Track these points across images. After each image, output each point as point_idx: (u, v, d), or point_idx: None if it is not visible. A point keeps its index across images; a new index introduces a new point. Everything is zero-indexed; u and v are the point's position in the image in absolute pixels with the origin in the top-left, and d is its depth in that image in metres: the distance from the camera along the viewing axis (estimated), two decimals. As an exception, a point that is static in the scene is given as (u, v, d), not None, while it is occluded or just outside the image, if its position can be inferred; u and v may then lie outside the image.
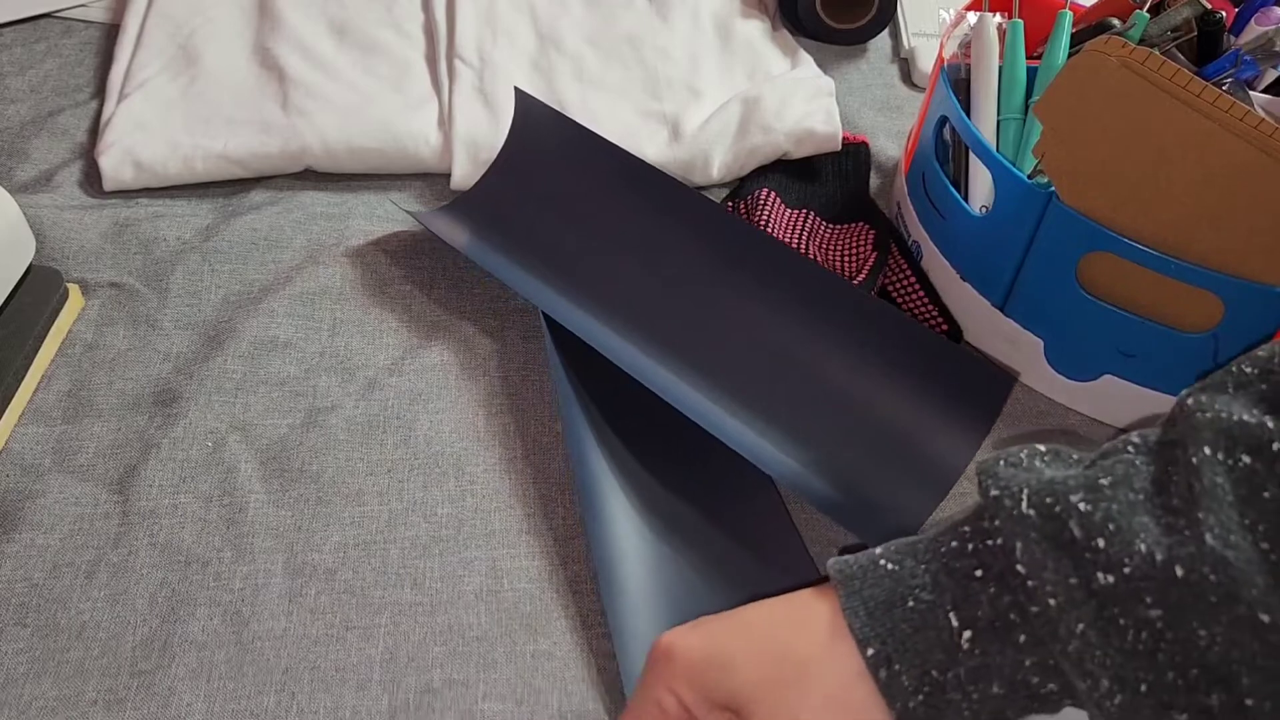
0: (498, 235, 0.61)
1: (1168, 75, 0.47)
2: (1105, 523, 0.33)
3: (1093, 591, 0.33)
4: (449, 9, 0.76)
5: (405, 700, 0.44)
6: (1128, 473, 0.35)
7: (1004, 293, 0.58)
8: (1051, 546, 0.34)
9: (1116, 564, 0.33)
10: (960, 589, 0.36)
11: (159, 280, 0.59)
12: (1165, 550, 0.32)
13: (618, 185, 0.61)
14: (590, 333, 0.55)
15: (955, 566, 0.36)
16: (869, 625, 0.36)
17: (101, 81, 0.71)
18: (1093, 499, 0.34)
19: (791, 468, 0.51)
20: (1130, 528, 0.33)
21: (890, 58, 0.83)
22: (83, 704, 0.43)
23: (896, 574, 0.37)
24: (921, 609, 0.36)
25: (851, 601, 0.37)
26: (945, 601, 0.36)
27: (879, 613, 0.36)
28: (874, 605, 0.36)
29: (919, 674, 0.35)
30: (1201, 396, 0.35)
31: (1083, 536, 0.33)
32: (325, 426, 0.53)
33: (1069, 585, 0.33)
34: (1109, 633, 0.33)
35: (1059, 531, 0.34)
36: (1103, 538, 0.33)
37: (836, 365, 0.55)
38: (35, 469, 0.50)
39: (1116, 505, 0.34)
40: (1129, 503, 0.34)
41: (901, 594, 0.36)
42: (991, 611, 0.35)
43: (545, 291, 0.58)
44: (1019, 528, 0.35)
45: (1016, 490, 0.35)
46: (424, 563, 0.49)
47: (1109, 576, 0.33)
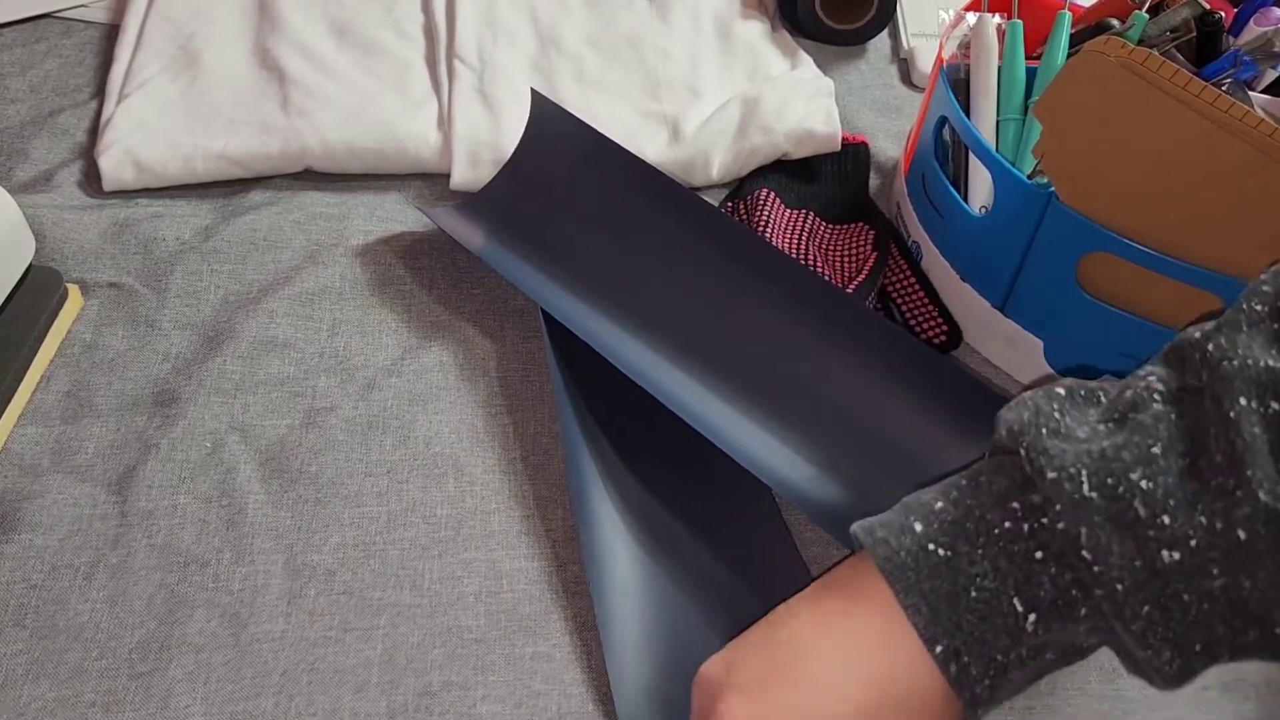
0: (507, 235, 0.61)
1: (1167, 75, 0.47)
2: (1166, 499, 0.34)
3: (1157, 571, 0.33)
4: (449, 9, 0.76)
5: (404, 702, 0.44)
6: (1170, 435, 0.35)
7: (1004, 293, 0.58)
8: (1116, 529, 0.34)
9: (1182, 539, 0.33)
10: (1021, 573, 0.35)
11: (158, 280, 0.59)
12: (1223, 516, 0.33)
13: (629, 191, 0.61)
14: (593, 335, 0.55)
15: (1014, 550, 0.36)
16: (934, 622, 0.36)
17: (101, 82, 0.71)
18: (1151, 473, 0.34)
19: (790, 479, 0.50)
20: (1186, 498, 0.33)
21: (890, 58, 0.83)
22: (81, 706, 0.43)
23: (953, 561, 0.36)
24: (985, 597, 0.36)
25: (911, 597, 0.36)
26: (1008, 588, 0.35)
27: (943, 607, 0.36)
28: (936, 599, 0.36)
29: (986, 661, 0.36)
30: (1220, 339, 0.35)
31: (1147, 515, 0.34)
32: (324, 427, 0.53)
33: (1135, 568, 0.34)
34: (1172, 609, 0.34)
35: (1124, 512, 0.34)
36: (1167, 514, 0.33)
37: (841, 380, 0.54)
38: (34, 469, 0.50)
39: (1172, 478, 0.34)
40: (1180, 470, 0.34)
41: (963, 584, 0.36)
42: (1054, 591, 0.35)
43: (551, 292, 0.57)
44: (1083, 512, 0.34)
45: (1075, 471, 0.35)
46: (423, 564, 0.49)
47: (1174, 553, 0.33)
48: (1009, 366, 0.60)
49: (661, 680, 0.45)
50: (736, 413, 0.53)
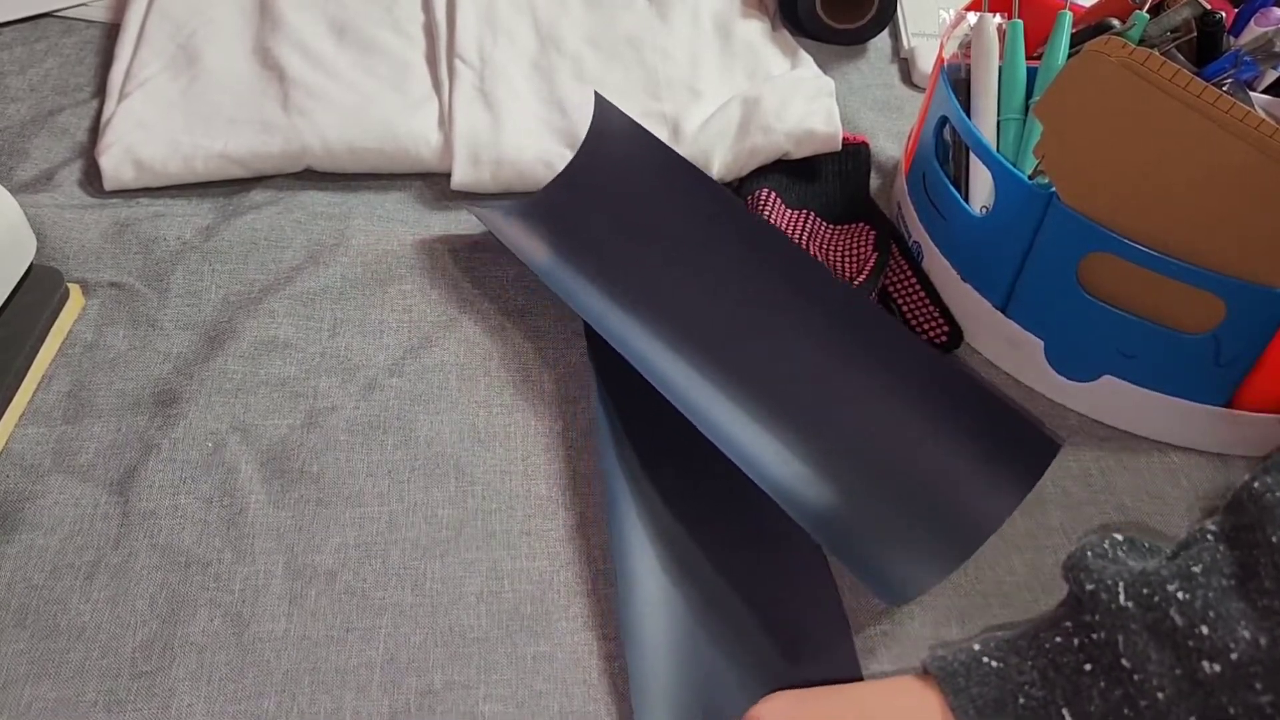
0: (555, 240, 0.60)
1: (1168, 76, 0.47)
2: (1205, 610, 0.34)
3: (1198, 682, 0.33)
4: (449, 9, 0.76)
5: (406, 702, 0.44)
6: (1215, 559, 0.35)
7: (1004, 293, 0.58)
8: (1153, 637, 0.34)
9: (1222, 651, 0.33)
10: (1070, 684, 0.36)
11: (159, 280, 0.59)
12: (1268, 633, 0.33)
13: (686, 203, 0.60)
14: (633, 350, 0.54)
15: (1063, 661, 0.36)
16: None
17: (102, 81, 0.71)
18: (1189, 587, 0.34)
19: (813, 505, 0.49)
20: (1229, 613, 0.34)
21: (890, 58, 0.83)
22: (83, 706, 0.43)
23: (1002, 671, 0.37)
24: (1034, 705, 0.36)
25: (960, 700, 0.37)
26: (1057, 697, 0.36)
27: (989, 711, 0.36)
28: (983, 704, 0.36)
29: None
30: (1267, 479, 0.36)
31: (1185, 625, 0.34)
32: (325, 427, 0.53)
33: (1175, 676, 0.34)
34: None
35: (1159, 621, 0.34)
36: (1205, 624, 0.34)
37: (880, 408, 0.53)
38: (35, 470, 0.50)
39: (1213, 592, 0.34)
40: (1223, 589, 0.34)
41: (1011, 691, 0.36)
42: (1104, 705, 0.35)
43: (592, 302, 0.57)
44: (1119, 620, 0.35)
45: (1112, 584, 0.36)
46: (424, 564, 0.49)
47: (1215, 665, 0.33)
48: (1010, 367, 0.60)
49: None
50: (771, 436, 0.52)
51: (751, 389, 0.54)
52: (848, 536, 0.48)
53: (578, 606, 0.48)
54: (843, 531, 0.49)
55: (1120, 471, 0.56)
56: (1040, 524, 0.53)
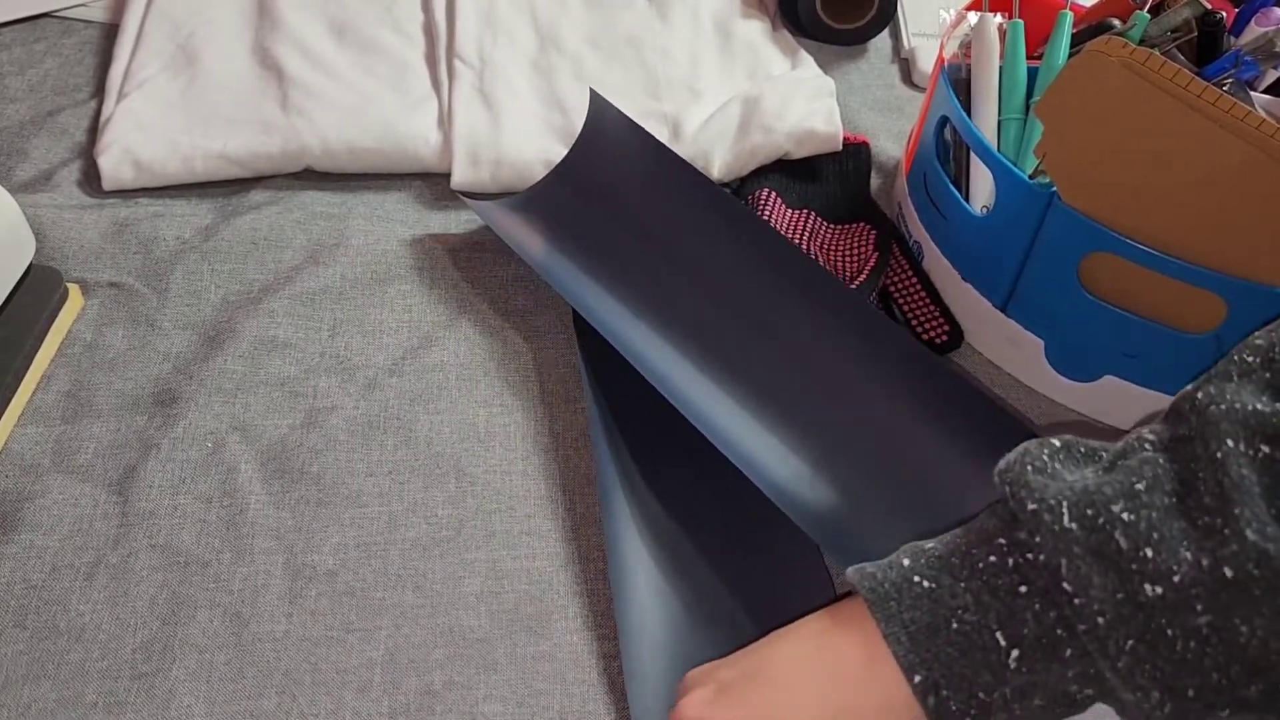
0: (550, 233, 0.60)
1: (1168, 76, 0.47)
2: (1149, 531, 0.33)
3: (1140, 605, 0.33)
4: (449, 9, 0.76)
5: (406, 702, 0.44)
6: (1156, 474, 0.34)
7: (1005, 293, 0.58)
8: (1097, 560, 0.34)
9: (1165, 574, 0.32)
10: (1005, 607, 0.35)
11: (159, 280, 0.59)
12: (1209, 553, 0.32)
13: (680, 199, 0.60)
14: (627, 345, 0.54)
15: (998, 584, 0.36)
16: (913, 651, 0.35)
17: (101, 81, 0.71)
18: (1133, 507, 0.34)
19: (808, 504, 0.49)
20: (1173, 534, 0.33)
21: (891, 58, 0.83)
22: (83, 706, 0.43)
23: (935, 593, 0.36)
24: (966, 630, 0.35)
25: (892, 626, 0.36)
26: (990, 621, 0.35)
27: (922, 637, 0.36)
28: (916, 629, 0.36)
29: (967, 696, 0.35)
30: (1210, 388, 0.35)
31: (1129, 548, 0.33)
32: (325, 427, 0.53)
33: (1116, 600, 0.33)
34: (1158, 645, 0.33)
35: (1104, 544, 0.34)
36: (1149, 546, 0.33)
37: (874, 407, 0.53)
38: (34, 469, 0.50)
39: (1155, 512, 0.33)
40: (1166, 507, 0.33)
41: (944, 615, 0.36)
42: (1038, 629, 0.35)
43: (588, 296, 0.57)
44: (1062, 543, 0.34)
45: (1055, 503, 0.35)
46: (425, 564, 0.48)
47: (1157, 588, 0.33)
48: (1010, 366, 0.60)
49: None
50: (764, 430, 0.52)
51: (745, 386, 0.54)
52: (842, 535, 0.48)
53: (578, 606, 0.48)
54: (837, 530, 0.49)
55: (1121, 471, 0.56)
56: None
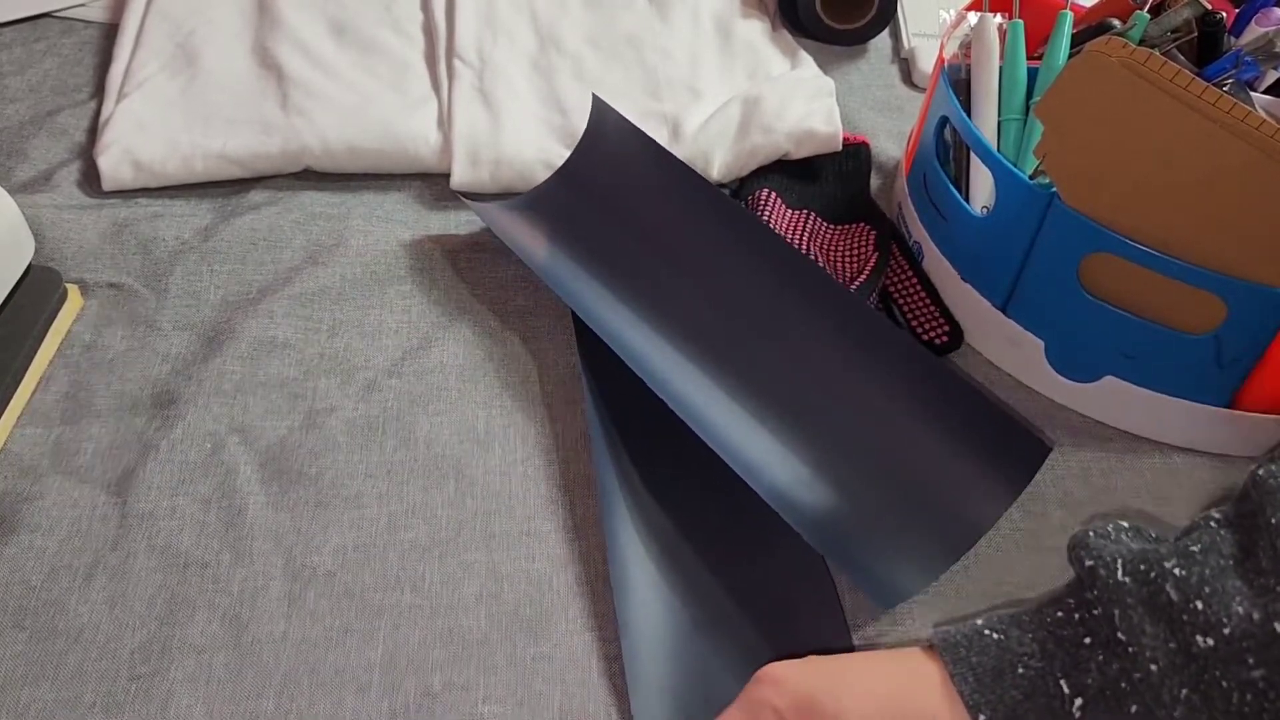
0: (550, 236, 0.60)
1: (1168, 76, 0.47)
2: (1201, 586, 0.34)
3: (1192, 655, 0.34)
4: (449, 9, 0.76)
5: (405, 704, 0.44)
6: (1214, 541, 0.36)
7: (1005, 293, 0.58)
8: (1148, 611, 0.35)
9: (1215, 626, 0.33)
10: (1069, 656, 0.36)
11: (158, 281, 0.59)
12: (1261, 609, 0.33)
13: (680, 204, 0.60)
14: (626, 347, 0.54)
15: (1063, 635, 0.37)
16: (979, 692, 0.36)
17: (100, 81, 0.71)
18: (1185, 564, 0.35)
19: (804, 506, 0.49)
20: (1225, 590, 0.34)
21: (891, 58, 0.83)
22: (81, 708, 0.43)
23: (1003, 643, 0.37)
24: (1031, 676, 0.36)
25: (960, 668, 0.37)
26: (1055, 669, 0.36)
27: (988, 680, 0.36)
28: (982, 672, 0.37)
29: None
30: (1272, 466, 0.37)
31: (1180, 600, 0.34)
32: (324, 429, 0.53)
33: (1169, 650, 0.34)
34: (1212, 696, 0.33)
35: (1155, 595, 0.35)
36: (1200, 600, 0.34)
37: (871, 409, 0.53)
38: (33, 470, 0.50)
39: (1209, 569, 0.34)
40: (1220, 567, 0.35)
41: (1010, 661, 0.37)
42: (1101, 679, 0.36)
43: (588, 299, 0.57)
44: (1116, 595, 0.35)
45: (1110, 560, 0.36)
46: (424, 566, 0.48)
47: (1208, 639, 0.33)
48: (1010, 367, 0.60)
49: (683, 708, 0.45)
50: (763, 434, 0.52)
51: (744, 389, 0.54)
52: (839, 538, 0.48)
53: (577, 608, 0.48)
54: (834, 532, 0.49)
55: (1121, 472, 0.56)
56: (1041, 524, 0.53)
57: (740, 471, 0.49)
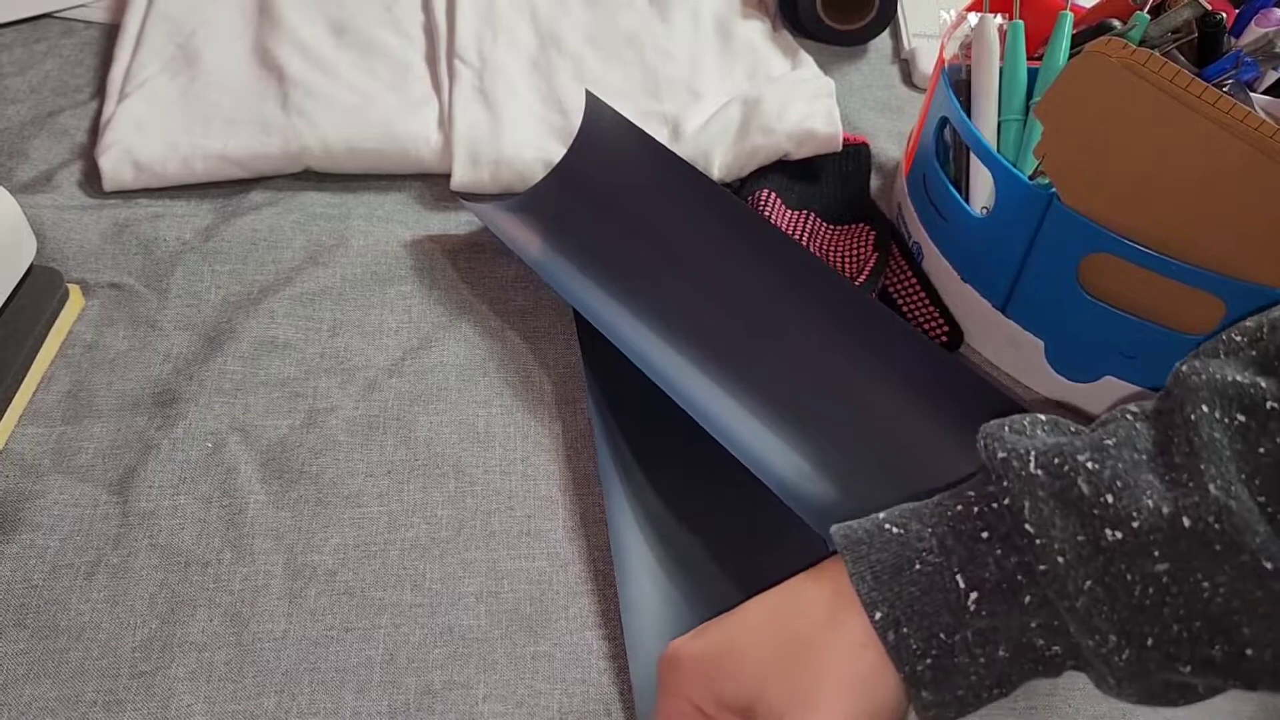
0: (549, 235, 0.60)
1: (1168, 77, 0.47)
2: (1113, 480, 0.34)
3: (1100, 548, 0.33)
4: (449, 9, 0.76)
5: (405, 702, 0.44)
6: (1130, 434, 0.35)
7: (1005, 294, 0.58)
8: (1059, 504, 0.34)
9: (1125, 519, 0.33)
10: (966, 550, 0.36)
11: (159, 281, 0.59)
12: (1171, 503, 0.33)
13: (678, 198, 0.60)
14: (629, 344, 0.54)
15: (962, 529, 0.36)
16: (876, 589, 0.36)
17: (101, 82, 0.71)
18: (1099, 457, 0.34)
19: (814, 498, 0.49)
20: (1137, 484, 0.34)
21: (891, 59, 0.83)
22: (82, 705, 0.43)
23: (902, 538, 0.37)
24: (928, 571, 0.36)
25: (859, 567, 0.37)
26: (952, 563, 0.36)
27: (885, 576, 0.36)
28: (880, 569, 0.37)
29: (927, 636, 0.36)
30: (1195, 362, 0.36)
31: (1091, 493, 0.34)
32: (325, 428, 0.53)
33: (1077, 542, 0.34)
34: (1116, 588, 0.33)
35: (1067, 489, 0.34)
36: (1111, 493, 0.34)
37: (881, 401, 0.53)
38: (35, 470, 0.50)
39: (1122, 464, 0.34)
40: (1134, 461, 0.34)
41: (909, 557, 0.37)
42: (998, 572, 0.35)
43: (589, 297, 0.57)
44: (1027, 487, 0.35)
45: (1024, 452, 0.36)
46: (424, 564, 0.49)
47: (1117, 532, 0.33)
48: (1010, 367, 0.60)
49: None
50: (749, 414, 0.52)
51: (748, 382, 0.54)
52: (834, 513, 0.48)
53: (578, 606, 0.48)
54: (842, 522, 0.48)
55: (1120, 472, 0.56)
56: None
57: (748, 464, 0.49)
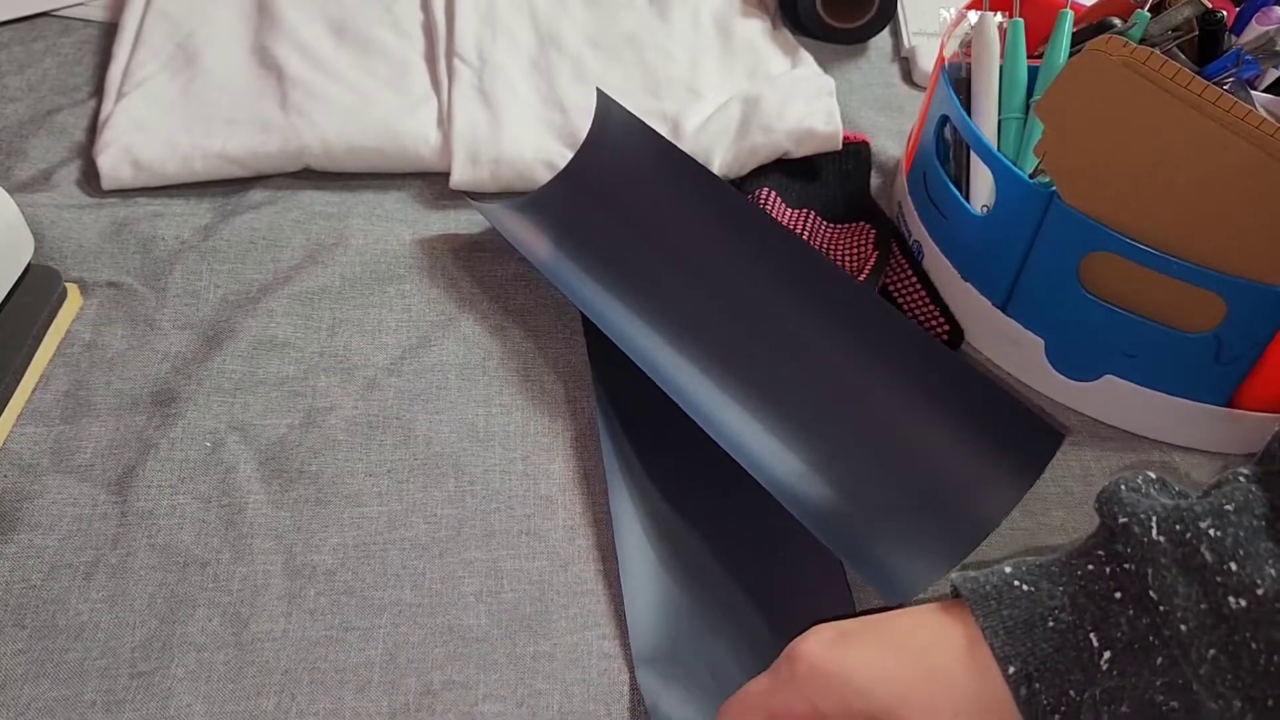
0: (555, 235, 0.60)
1: (1169, 75, 0.47)
2: (1235, 548, 0.34)
3: (1223, 616, 0.34)
4: (448, 8, 0.76)
5: (405, 702, 0.44)
6: (1248, 499, 0.36)
7: (1005, 293, 0.58)
8: (1182, 571, 0.35)
9: (1249, 588, 0.33)
10: (1099, 610, 0.36)
11: (157, 280, 0.59)
12: None
13: (686, 197, 0.60)
14: (632, 344, 0.54)
15: (1094, 589, 0.37)
16: (1009, 644, 0.37)
17: (100, 80, 0.71)
18: (1220, 524, 0.35)
19: (813, 500, 0.49)
20: (1259, 552, 0.34)
21: (891, 57, 0.83)
22: (81, 705, 0.43)
23: (1033, 595, 0.37)
24: (1062, 629, 0.36)
25: (991, 621, 0.37)
26: (1085, 622, 0.36)
27: (1019, 632, 0.37)
28: (1013, 624, 0.37)
29: (1058, 693, 0.36)
30: None
31: (1214, 561, 0.34)
32: (324, 427, 0.53)
33: (1200, 610, 0.34)
34: (1240, 656, 0.34)
35: (1190, 557, 0.35)
36: (1234, 561, 0.34)
37: (881, 401, 0.53)
38: (33, 469, 0.50)
39: (1243, 531, 0.34)
40: (1253, 528, 0.35)
41: (1041, 614, 0.37)
42: (1131, 633, 0.36)
43: (593, 296, 0.57)
44: (1150, 553, 0.35)
45: (1145, 517, 0.36)
46: (423, 564, 0.48)
47: (1240, 600, 0.33)
48: (1010, 366, 0.60)
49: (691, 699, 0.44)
50: (768, 426, 0.52)
51: (750, 384, 0.53)
52: (849, 532, 0.48)
53: (577, 606, 0.48)
54: (844, 527, 0.48)
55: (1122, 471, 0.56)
56: (1041, 524, 0.53)
57: (748, 467, 0.49)
